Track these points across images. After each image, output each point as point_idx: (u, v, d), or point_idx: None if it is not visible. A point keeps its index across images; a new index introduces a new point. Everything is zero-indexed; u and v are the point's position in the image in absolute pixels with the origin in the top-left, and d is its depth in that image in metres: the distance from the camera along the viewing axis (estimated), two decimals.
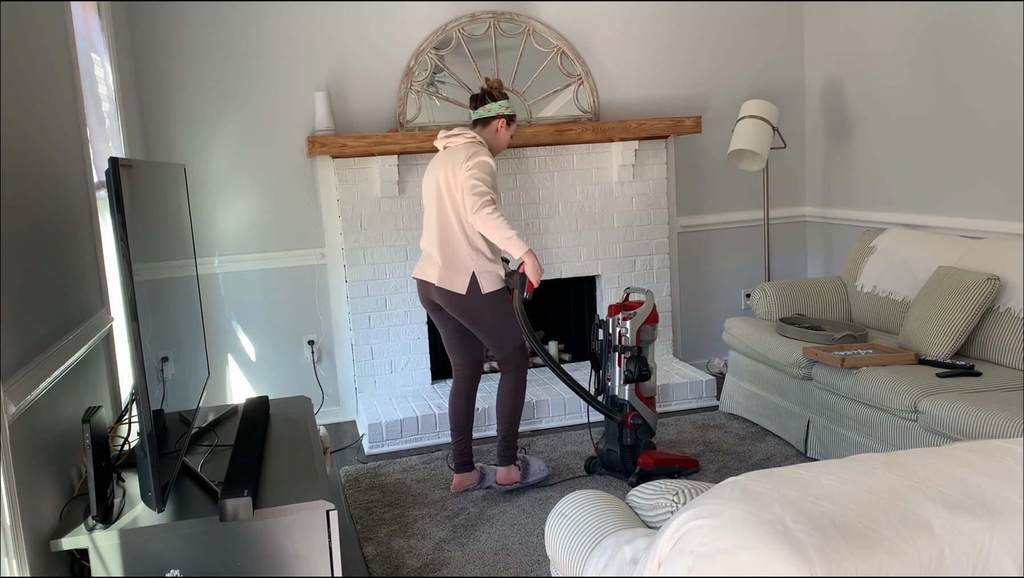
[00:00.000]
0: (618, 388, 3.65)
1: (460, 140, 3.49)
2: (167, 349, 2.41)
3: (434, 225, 3.44)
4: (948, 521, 1.35)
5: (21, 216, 2.20)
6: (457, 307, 3.43)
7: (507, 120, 3.55)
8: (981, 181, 4.03)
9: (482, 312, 3.42)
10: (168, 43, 4.27)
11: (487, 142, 3.52)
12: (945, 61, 4.16)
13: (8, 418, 1.92)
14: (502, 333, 3.46)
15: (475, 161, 3.33)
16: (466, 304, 3.40)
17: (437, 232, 3.42)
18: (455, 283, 3.39)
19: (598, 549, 1.82)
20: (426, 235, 3.52)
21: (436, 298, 3.48)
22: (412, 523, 3.38)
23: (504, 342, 3.47)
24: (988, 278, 3.46)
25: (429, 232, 3.49)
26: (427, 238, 3.51)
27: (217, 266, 4.45)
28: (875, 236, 4.37)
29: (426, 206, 3.51)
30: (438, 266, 3.42)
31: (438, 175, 3.42)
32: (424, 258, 3.53)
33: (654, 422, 3.70)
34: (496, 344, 3.47)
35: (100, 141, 3.41)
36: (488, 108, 3.53)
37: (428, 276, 3.47)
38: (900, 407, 3.26)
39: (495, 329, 3.45)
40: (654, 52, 4.94)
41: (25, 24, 2.41)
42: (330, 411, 4.71)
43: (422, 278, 3.51)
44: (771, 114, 4.69)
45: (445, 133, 3.54)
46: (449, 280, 3.39)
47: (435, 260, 3.44)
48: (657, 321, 3.66)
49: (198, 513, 2.23)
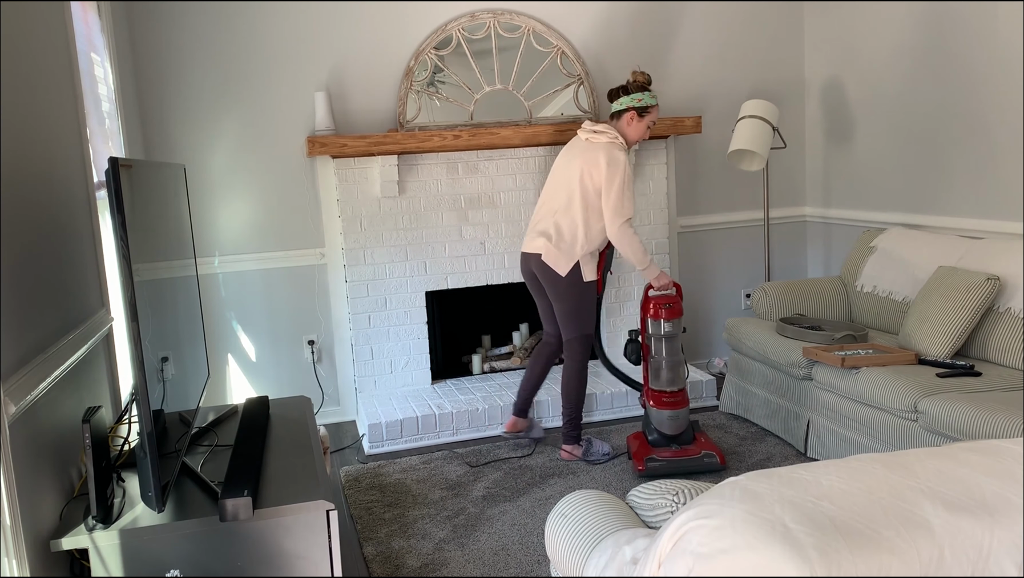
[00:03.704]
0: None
1: (603, 138, 3.73)
2: (167, 349, 2.41)
3: (559, 207, 3.75)
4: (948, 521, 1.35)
5: (21, 216, 2.20)
6: (552, 283, 3.76)
7: (639, 112, 3.78)
8: (981, 181, 4.03)
9: (570, 293, 3.76)
10: (168, 43, 4.27)
11: (622, 134, 3.81)
12: (945, 61, 4.15)
13: (8, 418, 1.92)
14: (578, 317, 3.79)
15: (615, 168, 3.63)
16: (561, 284, 3.75)
17: (559, 214, 3.74)
18: (560, 264, 3.72)
19: (598, 549, 1.82)
20: (543, 212, 3.82)
21: (536, 270, 3.80)
22: (412, 523, 3.38)
23: (577, 325, 3.80)
24: (988, 278, 3.46)
25: (549, 210, 3.79)
26: (543, 215, 3.81)
27: (217, 266, 4.45)
28: (875, 236, 4.37)
29: (552, 185, 3.82)
30: (549, 243, 3.73)
31: (579, 164, 3.71)
32: (535, 233, 3.81)
33: (659, 420, 3.70)
34: (569, 324, 3.80)
35: (100, 141, 3.40)
36: (620, 101, 3.80)
37: (530, 248, 3.81)
38: (900, 407, 3.26)
39: (574, 313, 3.79)
40: (654, 52, 4.94)
41: (25, 24, 2.41)
42: (330, 411, 4.71)
43: (526, 250, 3.84)
44: (771, 114, 4.69)
45: (591, 127, 3.78)
46: (555, 259, 3.72)
47: (548, 236, 3.74)
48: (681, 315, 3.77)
49: (198, 513, 2.23)
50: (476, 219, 4.67)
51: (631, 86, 3.79)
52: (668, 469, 3.65)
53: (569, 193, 3.73)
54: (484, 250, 4.70)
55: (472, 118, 4.65)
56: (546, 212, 3.81)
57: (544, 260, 3.73)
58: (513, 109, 4.71)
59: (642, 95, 3.76)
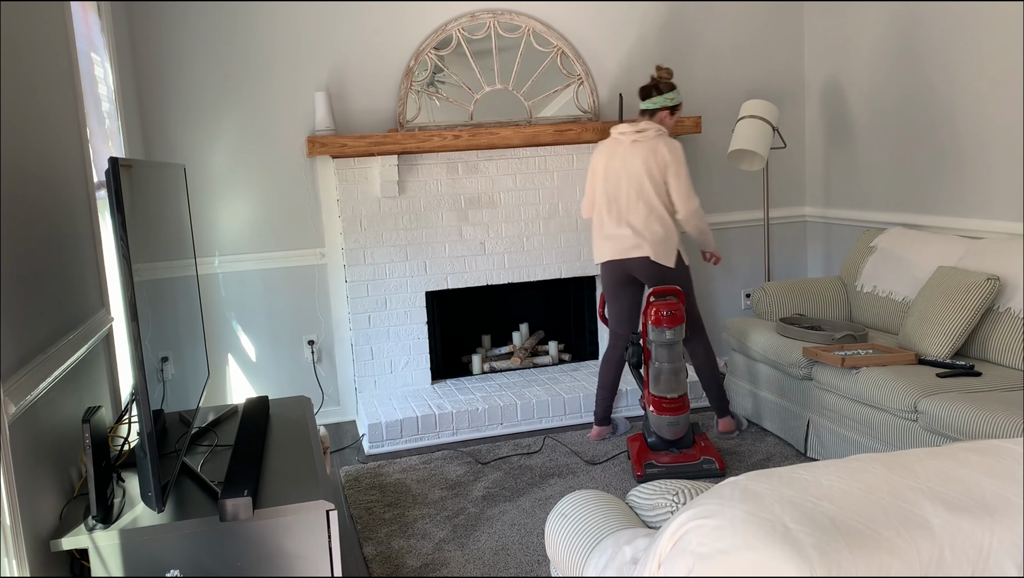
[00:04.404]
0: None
1: (651, 132, 3.90)
2: (167, 349, 2.41)
3: (630, 205, 3.89)
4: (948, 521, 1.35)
5: (21, 216, 2.20)
6: (660, 279, 3.91)
7: (671, 110, 4.00)
8: (981, 181, 4.03)
9: (685, 279, 3.97)
10: (168, 43, 4.27)
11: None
12: (945, 61, 4.15)
13: (8, 418, 1.92)
14: (692, 299, 4.01)
15: (677, 156, 3.87)
16: (673, 274, 3.92)
17: (644, 213, 3.88)
18: (668, 258, 3.88)
19: (598, 549, 1.82)
20: (612, 216, 3.93)
21: (637, 272, 3.93)
22: (412, 523, 3.38)
23: (694, 307, 4.02)
24: (988, 278, 3.46)
25: (619, 213, 3.91)
26: (614, 219, 3.92)
27: (217, 266, 4.45)
28: (875, 236, 4.37)
29: (611, 188, 3.92)
30: (648, 242, 3.87)
31: (639, 161, 3.86)
32: (618, 238, 3.93)
33: (659, 425, 3.70)
34: (691, 309, 4.01)
35: (100, 141, 3.40)
36: (654, 100, 3.97)
37: (635, 253, 3.90)
38: (900, 407, 3.26)
39: (690, 295, 3.99)
40: (654, 52, 4.94)
41: (25, 24, 2.41)
42: (330, 411, 4.71)
43: (625, 257, 3.92)
44: (771, 114, 4.69)
45: (632, 128, 3.92)
46: (664, 255, 3.87)
47: (643, 236, 3.87)
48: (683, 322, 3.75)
49: (198, 513, 2.23)
50: (476, 219, 4.67)
51: (663, 85, 3.97)
52: (667, 475, 3.65)
53: (639, 190, 3.86)
54: (484, 250, 4.70)
55: (472, 118, 4.65)
56: (617, 215, 3.92)
57: (654, 260, 3.87)
58: (513, 109, 4.71)
59: (673, 94, 3.98)
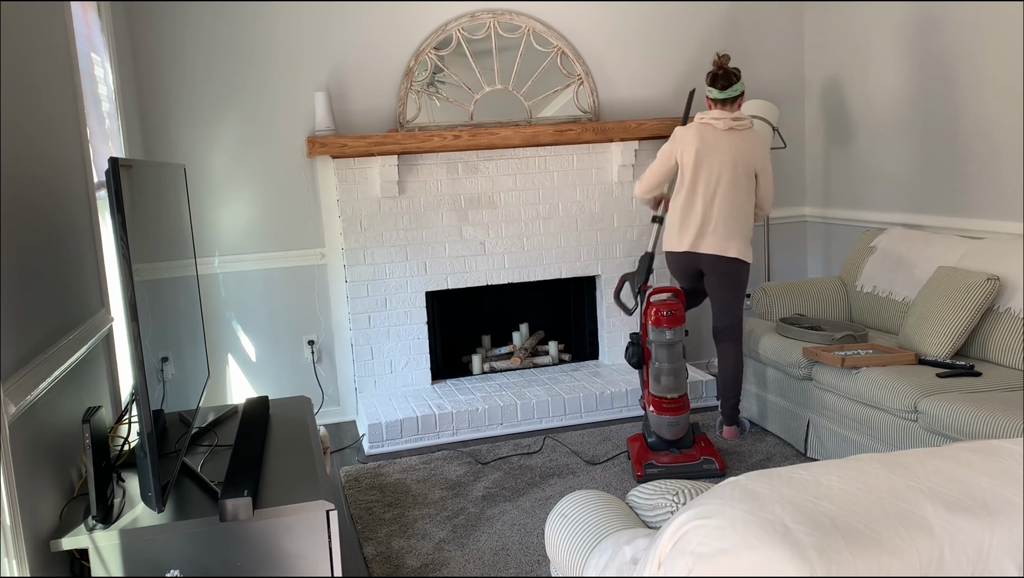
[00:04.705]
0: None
1: (747, 122, 3.88)
2: (167, 349, 2.41)
3: (721, 195, 3.81)
4: (948, 521, 1.35)
5: (21, 216, 2.20)
6: (737, 274, 3.87)
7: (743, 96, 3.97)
8: (981, 181, 4.03)
9: (745, 279, 3.92)
10: (168, 43, 4.27)
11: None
12: (945, 61, 4.15)
13: (8, 418, 1.92)
14: (743, 300, 3.97)
15: (768, 151, 3.86)
16: (743, 271, 3.88)
17: (730, 206, 3.81)
18: (746, 253, 3.85)
19: (598, 549, 1.82)
20: (709, 208, 3.82)
21: (707, 267, 3.87)
22: (412, 523, 3.38)
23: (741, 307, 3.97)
24: (988, 278, 3.46)
25: (708, 204, 3.82)
26: (708, 211, 3.82)
27: (217, 266, 4.45)
28: (875, 236, 4.37)
29: (705, 179, 3.82)
30: (732, 239, 3.81)
31: (733, 152, 3.80)
32: (699, 230, 3.83)
33: (659, 426, 3.70)
34: (738, 307, 3.94)
35: (100, 141, 3.40)
36: (735, 88, 3.88)
37: (715, 249, 3.82)
38: (900, 407, 3.26)
39: (743, 294, 3.95)
40: (654, 52, 4.94)
41: (25, 24, 2.41)
42: (330, 411, 4.71)
43: (706, 252, 3.84)
44: (771, 114, 4.69)
45: (730, 115, 3.85)
46: (743, 250, 3.84)
47: (733, 234, 3.81)
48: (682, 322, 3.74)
49: (198, 513, 2.23)
50: (476, 219, 4.67)
51: (736, 71, 3.90)
52: (667, 475, 3.64)
53: (731, 183, 3.81)
54: (484, 250, 4.70)
55: (472, 118, 4.65)
56: (709, 210, 3.82)
57: (738, 257, 3.84)
58: (513, 109, 4.71)
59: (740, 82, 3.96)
